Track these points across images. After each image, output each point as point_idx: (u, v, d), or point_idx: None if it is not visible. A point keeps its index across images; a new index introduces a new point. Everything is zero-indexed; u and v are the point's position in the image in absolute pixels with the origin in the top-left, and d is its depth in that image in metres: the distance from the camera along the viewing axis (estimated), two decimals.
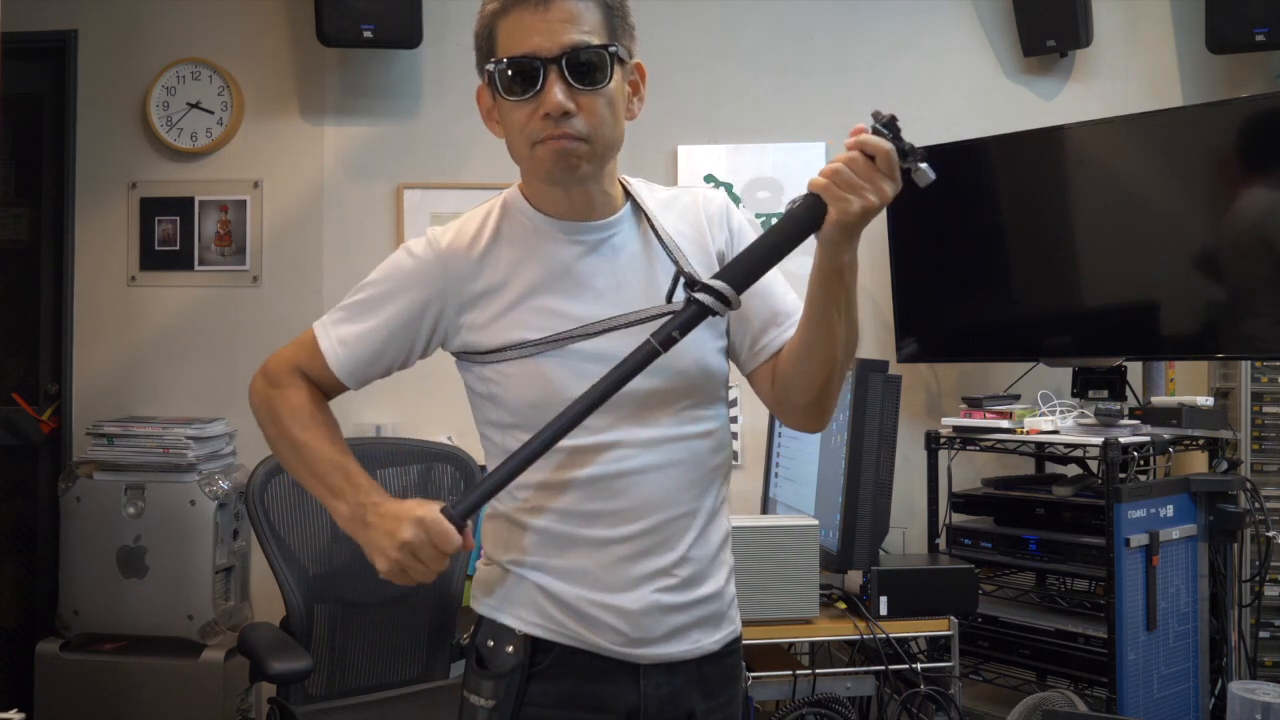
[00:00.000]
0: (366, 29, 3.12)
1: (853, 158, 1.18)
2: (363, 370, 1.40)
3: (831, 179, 1.18)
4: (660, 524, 1.31)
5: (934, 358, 3.30)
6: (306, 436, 1.36)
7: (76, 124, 3.40)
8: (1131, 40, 3.39)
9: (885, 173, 1.18)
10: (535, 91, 1.23)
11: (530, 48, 1.23)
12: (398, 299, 1.37)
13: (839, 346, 1.28)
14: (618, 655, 1.31)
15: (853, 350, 1.32)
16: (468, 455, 2.71)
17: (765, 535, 2.40)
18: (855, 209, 1.17)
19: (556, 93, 1.22)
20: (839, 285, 1.25)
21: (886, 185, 1.18)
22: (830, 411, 1.36)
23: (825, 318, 1.26)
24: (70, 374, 3.37)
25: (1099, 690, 2.58)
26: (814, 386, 1.32)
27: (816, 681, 2.44)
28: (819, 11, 3.44)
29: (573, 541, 1.31)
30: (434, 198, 3.35)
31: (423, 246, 1.38)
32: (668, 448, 1.32)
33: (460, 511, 1.23)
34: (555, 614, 1.31)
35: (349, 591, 2.58)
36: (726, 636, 1.40)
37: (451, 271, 1.35)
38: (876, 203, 1.18)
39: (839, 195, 1.17)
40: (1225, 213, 2.71)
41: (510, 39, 1.25)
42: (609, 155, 1.31)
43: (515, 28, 1.24)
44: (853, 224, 1.19)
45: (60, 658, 2.96)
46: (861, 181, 1.17)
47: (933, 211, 3.19)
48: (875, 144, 1.17)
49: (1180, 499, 2.68)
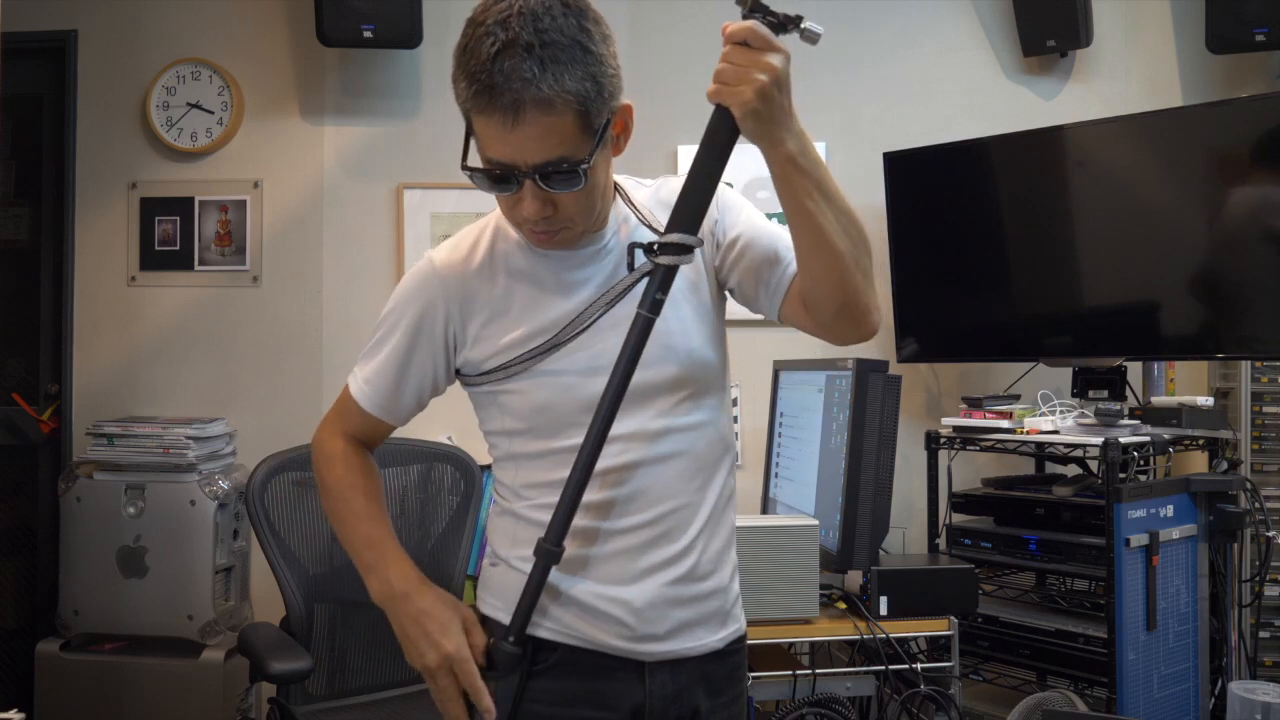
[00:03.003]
0: (366, 29, 3.13)
1: (727, 51, 1.18)
2: (393, 399, 1.41)
3: (717, 80, 1.18)
4: (663, 515, 1.32)
5: (934, 358, 3.30)
6: (344, 512, 1.42)
7: (76, 124, 3.40)
8: (1131, 40, 3.39)
9: (761, 48, 1.17)
10: (512, 191, 1.23)
11: (504, 157, 1.20)
12: (405, 318, 1.38)
13: (837, 237, 1.23)
14: (623, 653, 1.32)
15: (858, 236, 1.26)
16: (468, 455, 2.71)
17: (765, 535, 2.40)
18: (750, 96, 1.16)
19: (530, 203, 1.23)
20: (798, 175, 1.21)
21: (769, 58, 1.16)
22: (869, 308, 1.30)
23: (805, 213, 1.23)
24: (70, 374, 3.37)
25: (1099, 690, 2.58)
26: (836, 287, 1.27)
27: (816, 681, 2.44)
28: (819, 11, 3.38)
29: (578, 534, 1.30)
30: (434, 198, 3.36)
31: (420, 265, 1.40)
32: (667, 439, 1.33)
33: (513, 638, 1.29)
34: (560, 613, 1.32)
35: (349, 591, 2.58)
36: (731, 634, 1.41)
37: (449, 282, 1.36)
38: (766, 79, 1.15)
39: (731, 92, 1.17)
40: (1224, 213, 2.71)
41: (485, 141, 1.22)
42: (597, 220, 1.32)
43: (488, 133, 1.20)
44: (760, 110, 1.17)
45: (60, 658, 2.96)
46: (743, 67, 1.16)
47: (932, 211, 3.20)
48: (736, 29, 1.17)
49: (1180, 499, 2.68)
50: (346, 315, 3.36)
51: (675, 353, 1.33)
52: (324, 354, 3.37)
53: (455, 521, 2.70)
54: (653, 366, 1.31)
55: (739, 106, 1.17)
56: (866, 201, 3.34)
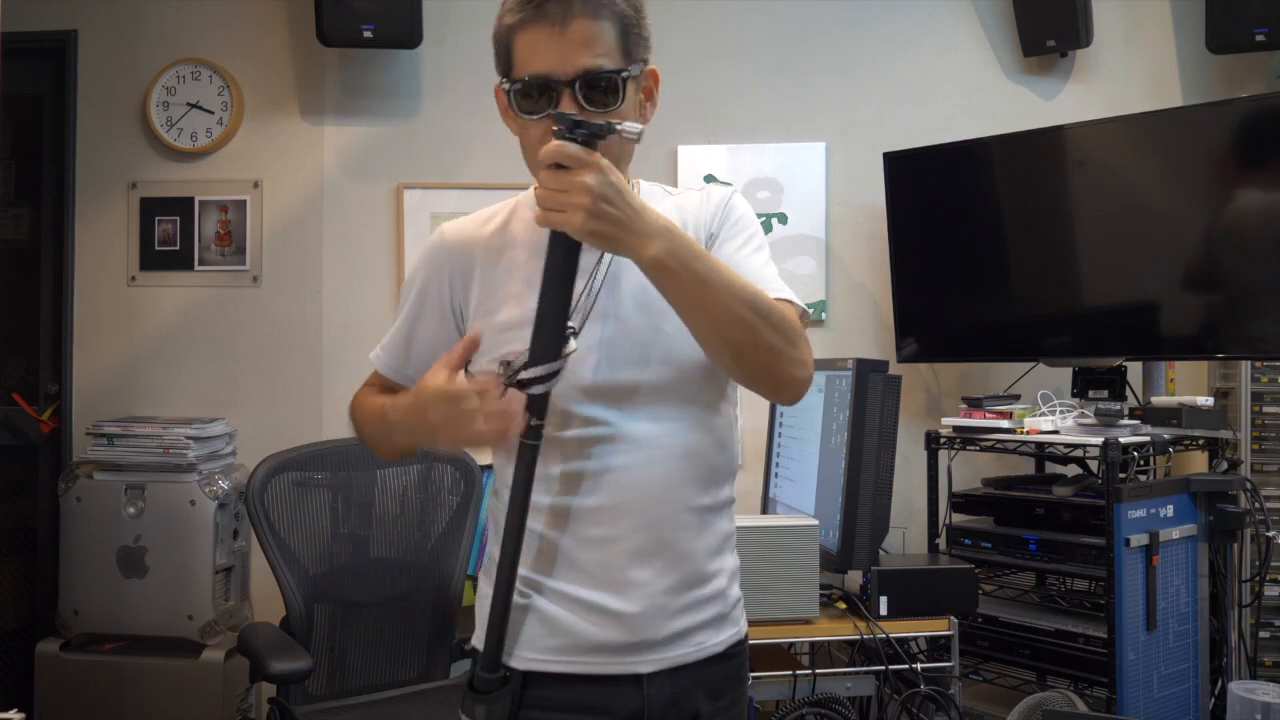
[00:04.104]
0: (366, 29, 3.13)
1: (543, 177, 1.15)
2: (403, 361, 1.43)
3: (543, 207, 1.15)
4: (658, 520, 1.30)
5: (934, 358, 3.30)
6: (374, 416, 1.38)
7: (76, 124, 3.40)
8: (1131, 40, 3.39)
9: (575, 168, 1.13)
10: (546, 114, 1.25)
11: (545, 68, 1.25)
12: (415, 287, 1.43)
13: (729, 323, 1.21)
14: (619, 670, 1.30)
15: (759, 311, 1.22)
16: (468, 455, 2.71)
17: (765, 535, 2.40)
18: (580, 221, 1.13)
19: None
20: (671, 276, 1.18)
21: (584, 179, 1.13)
22: (788, 378, 1.27)
23: (692, 309, 1.21)
24: (70, 374, 3.37)
25: (1099, 690, 2.58)
26: (736, 364, 1.26)
27: (816, 681, 2.44)
28: (819, 11, 3.44)
29: (573, 543, 1.29)
30: (434, 198, 3.35)
31: (432, 236, 1.44)
32: (667, 443, 1.31)
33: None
34: (553, 644, 1.30)
35: (349, 591, 2.59)
36: (731, 638, 1.39)
37: (455, 254, 1.39)
38: (588, 201, 1.12)
39: (561, 219, 1.14)
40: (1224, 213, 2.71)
41: (526, 56, 1.26)
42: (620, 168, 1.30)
43: (532, 45, 1.25)
44: (596, 229, 1.13)
45: (60, 658, 2.96)
46: (562, 192, 1.14)
47: (933, 211, 3.20)
48: (544, 154, 1.14)
49: (1180, 499, 2.68)
50: (346, 315, 3.36)
51: (675, 354, 1.33)
52: (324, 354, 3.37)
53: (455, 521, 2.70)
54: (652, 366, 1.31)
55: (574, 232, 1.15)
56: (866, 201, 3.35)
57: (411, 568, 2.67)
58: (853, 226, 3.37)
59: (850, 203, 3.39)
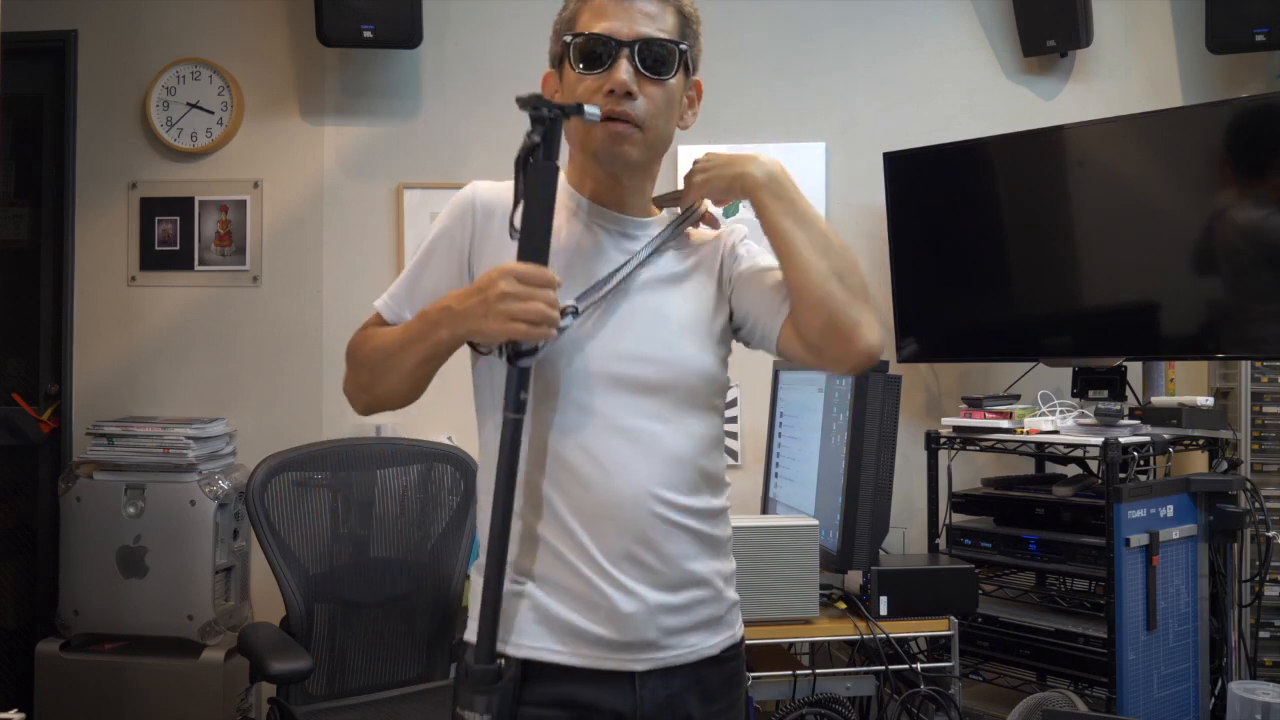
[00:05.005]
0: (366, 29, 3.13)
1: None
2: (406, 300, 1.40)
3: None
4: (642, 518, 1.29)
5: (934, 358, 3.30)
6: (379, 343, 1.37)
7: (76, 124, 3.40)
8: (1131, 40, 3.39)
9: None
10: (605, 68, 1.32)
11: (608, 29, 1.32)
12: (434, 231, 1.41)
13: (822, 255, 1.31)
14: (611, 667, 1.30)
15: (839, 261, 1.31)
16: (468, 455, 2.71)
17: (765, 535, 2.39)
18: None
19: (623, 71, 1.31)
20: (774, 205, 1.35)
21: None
22: (857, 324, 1.30)
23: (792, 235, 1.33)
24: (70, 374, 3.37)
25: (1099, 690, 2.58)
26: (820, 307, 1.30)
27: (816, 681, 2.44)
28: (819, 11, 3.44)
29: (566, 543, 1.29)
30: (434, 198, 3.35)
31: (464, 189, 1.43)
32: (657, 443, 1.31)
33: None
34: (548, 633, 1.30)
35: (349, 591, 2.59)
36: (725, 641, 1.39)
37: (479, 213, 1.38)
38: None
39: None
40: (1225, 213, 2.71)
41: (591, 20, 1.34)
42: (658, 149, 1.39)
43: (598, 12, 1.34)
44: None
45: (60, 658, 2.96)
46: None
47: (933, 212, 3.20)
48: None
49: (1180, 499, 2.68)
50: (346, 315, 3.35)
51: (684, 363, 1.34)
52: (324, 354, 3.37)
53: (455, 521, 2.70)
54: (653, 365, 1.32)
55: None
56: (866, 201, 3.34)
57: (411, 568, 2.67)
58: (853, 226, 3.37)
59: (850, 203, 3.39)
